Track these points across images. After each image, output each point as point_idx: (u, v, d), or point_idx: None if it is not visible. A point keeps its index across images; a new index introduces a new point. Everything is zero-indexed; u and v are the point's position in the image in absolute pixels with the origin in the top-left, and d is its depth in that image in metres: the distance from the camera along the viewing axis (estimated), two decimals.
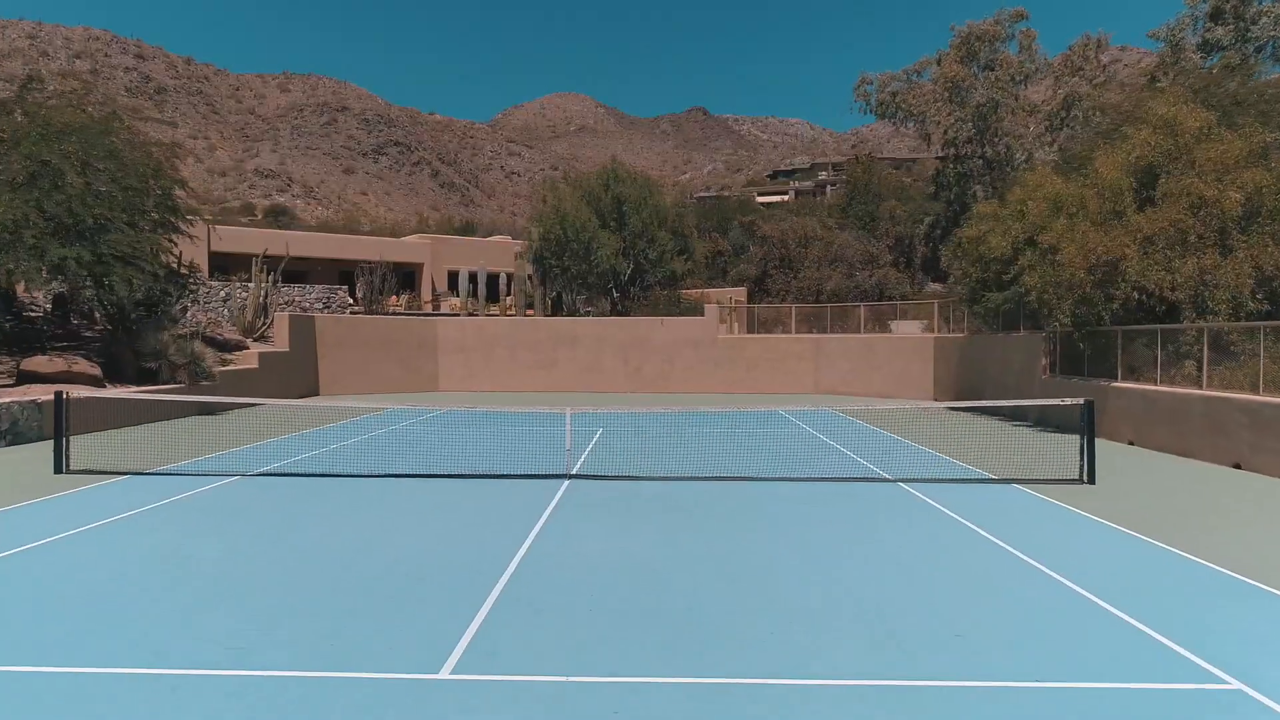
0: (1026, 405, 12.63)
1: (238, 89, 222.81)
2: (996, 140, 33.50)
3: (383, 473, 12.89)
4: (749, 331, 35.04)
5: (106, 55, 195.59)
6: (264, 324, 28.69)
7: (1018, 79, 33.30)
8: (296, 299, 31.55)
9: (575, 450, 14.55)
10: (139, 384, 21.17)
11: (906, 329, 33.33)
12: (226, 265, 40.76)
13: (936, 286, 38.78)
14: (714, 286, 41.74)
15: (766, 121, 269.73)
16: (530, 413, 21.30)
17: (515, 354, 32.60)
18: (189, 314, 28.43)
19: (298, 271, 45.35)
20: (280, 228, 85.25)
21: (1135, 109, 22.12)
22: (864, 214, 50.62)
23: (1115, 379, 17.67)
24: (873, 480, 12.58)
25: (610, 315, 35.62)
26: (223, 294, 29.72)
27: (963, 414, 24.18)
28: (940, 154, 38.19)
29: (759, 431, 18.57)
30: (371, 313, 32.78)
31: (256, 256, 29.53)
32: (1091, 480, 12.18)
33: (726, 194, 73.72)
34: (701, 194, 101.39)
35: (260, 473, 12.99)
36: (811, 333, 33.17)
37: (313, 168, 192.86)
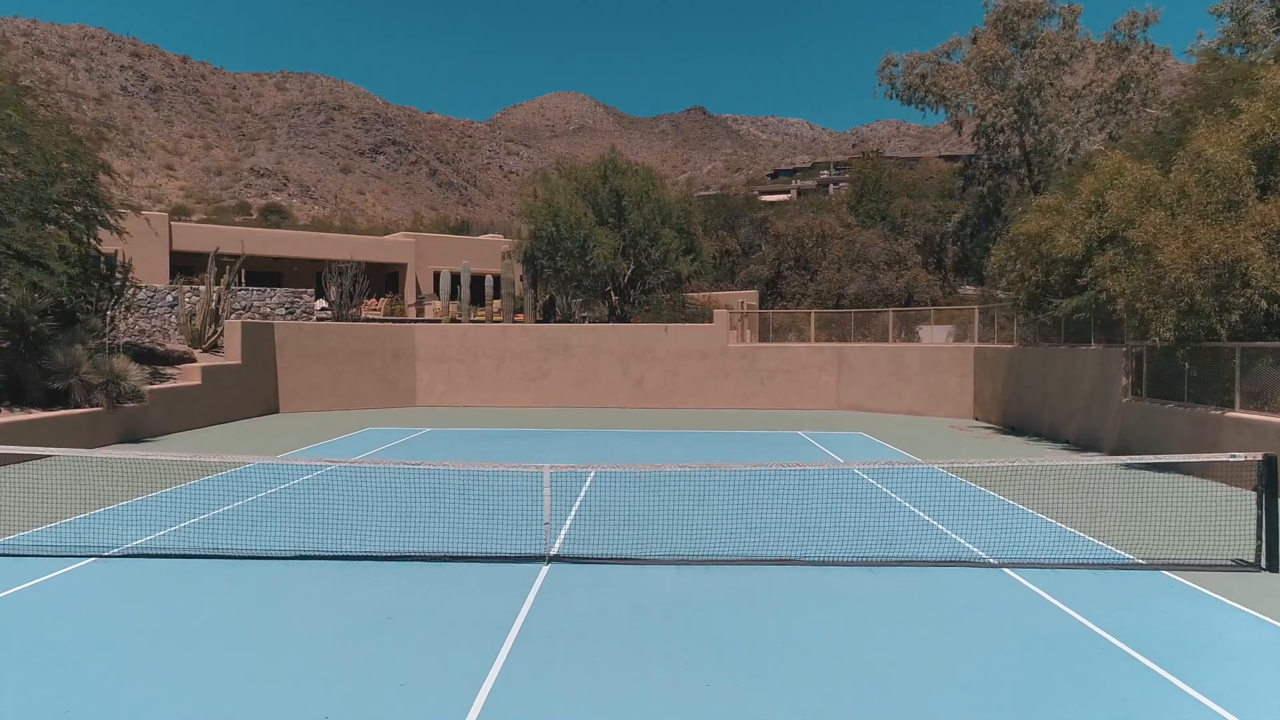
0: (1206, 461, 9.64)
1: (234, 88, 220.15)
2: (1038, 127, 30.05)
3: (290, 552, 9.43)
4: (761, 340, 31.68)
5: (102, 53, 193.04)
6: (215, 333, 25.29)
7: (1062, 58, 29.87)
8: (255, 303, 28.12)
9: (558, 511, 11.14)
10: (47, 408, 17.79)
11: (934, 336, 30.10)
12: (193, 266, 37.39)
13: (969, 290, 35.35)
14: (721, 289, 38.33)
15: (766, 121, 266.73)
16: (503, 471, 17.94)
17: (502, 365, 29.18)
18: (130, 322, 25.03)
19: (272, 273, 41.97)
20: (271, 226, 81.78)
21: (1223, 84, 18.73)
22: (874, 211, 47.36)
23: (1232, 407, 14.25)
24: (965, 564, 9.13)
25: (608, 321, 32.22)
26: (169, 298, 26.30)
27: (1015, 437, 20.78)
28: (972, 143, 34.74)
29: (793, 481, 15.18)
30: (341, 318, 29.36)
31: (209, 255, 26.12)
32: (1273, 567, 8.77)
33: (730, 192, 70.26)
34: (702, 193, 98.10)
35: (123, 551, 9.52)
36: (832, 341, 29.77)
37: (309, 167, 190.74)
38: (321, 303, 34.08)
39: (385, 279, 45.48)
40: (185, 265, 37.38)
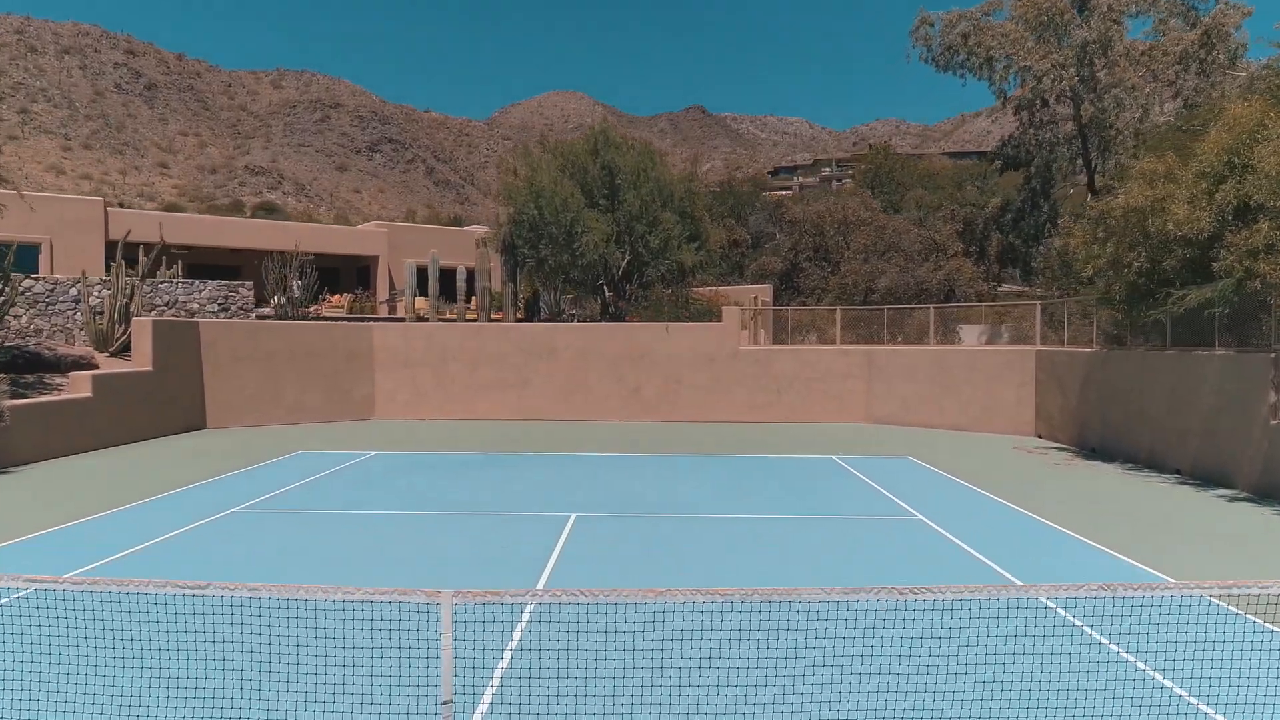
0: None
1: (230, 85, 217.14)
2: (1096, 95, 25.77)
3: None
4: (776, 342, 27.46)
5: (96, 51, 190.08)
6: (125, 333, 21.09)
7: (1130, 12, 25.62)
8: (181, 298, 23.87)
9: (475, 666, 6.78)
10: None
11: (967, 337, 26.08)
12: (135, 258, 33.27)
13: (1010, 287, 31.04)
14: (729, 284, 34.05)
15: (765, 120, 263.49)
16: (367, 601, 13.50)
17: (475, 371, 24.94)
18: (25, 321, 20.84)
19: (230, 267, 37.79)
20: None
21: None
22: (888, 204, 43.26)
23: None
24: None
25: (600, 320, 27.98)
26: (73, 292, 22.09)
27: (1104, 464, 16.54)
28: (1013, 117, 30.52)
29: (855, 557, 10.96)
30: (285, 317, 25.12)
31: (118, 243, 21.91)
32: None
33: (734, 183, 65.95)
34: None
35: None
36: (859, 343, 25.53)
37: (305, 165, 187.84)
38: (279, 299, 29.76)
39: (356, 273, 41.34)
40: (130, 258, 33.18)
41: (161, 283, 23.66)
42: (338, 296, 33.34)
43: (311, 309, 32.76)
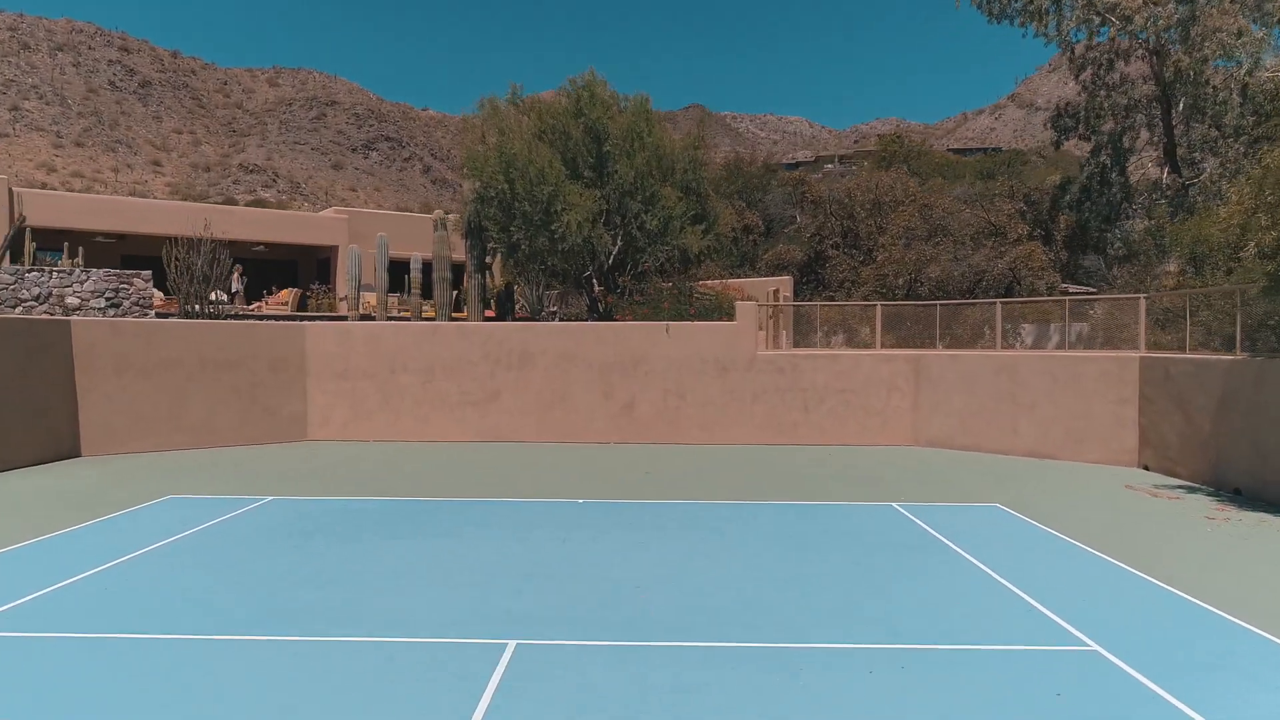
0: None
1: (225, 83, 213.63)
2: (1198, 41, 21.00)
3: None
4: (796, 346, 22.77)
5: (90, 48, 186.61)
6: None
7: None
8: (55, 290, 19.09)
9: None
10: None
11: (1030, 339, 21.63)
12: (52, 245, 28.63)
13: (1067, 284, 26.19)
14: (740, 277, 29.31)
15: (765, 119, 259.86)
16: None
17: (431, 383, 20.21)
18: None
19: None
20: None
21: None
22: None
23: None
24: None
25: (586, 319, 23.24)
26: None
27: (1275, 523, 11.81)
28: (1076, 79, 25.79)
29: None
30: (191, 315, 20.35)
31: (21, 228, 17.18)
32: None
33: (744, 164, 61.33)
34: None
35: None
36: (902, 346, 20.82)
37: (300, 163, 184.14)
38: (217, 294, 24.76)
39: (317, 265, 36.71)
40: (45, 245, 28.52)
41: (30, 272, 18.90)
42: (285, 292, 28.63)
43: (253, 305, 28.17)
